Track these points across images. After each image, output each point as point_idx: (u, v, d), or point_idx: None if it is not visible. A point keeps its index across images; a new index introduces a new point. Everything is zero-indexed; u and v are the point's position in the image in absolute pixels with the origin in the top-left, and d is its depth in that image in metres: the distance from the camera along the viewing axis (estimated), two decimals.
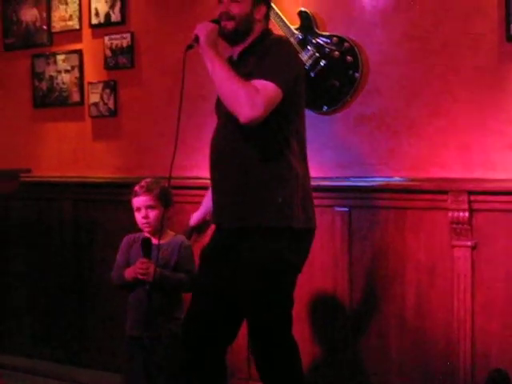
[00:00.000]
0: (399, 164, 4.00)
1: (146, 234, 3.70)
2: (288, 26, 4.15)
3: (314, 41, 4.13)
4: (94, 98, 5.04)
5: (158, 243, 3.58)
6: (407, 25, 3.95)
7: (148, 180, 3.76)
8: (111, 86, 4.98)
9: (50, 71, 5.26)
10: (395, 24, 3.98)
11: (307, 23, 4.14)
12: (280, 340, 3.20)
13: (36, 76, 5.34)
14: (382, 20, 4.02)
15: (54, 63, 5.24)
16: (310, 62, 4.12)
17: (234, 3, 3.18)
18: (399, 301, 3.98)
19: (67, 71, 5.18)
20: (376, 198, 4.02)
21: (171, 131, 3.29)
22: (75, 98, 5.15)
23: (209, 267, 3.33)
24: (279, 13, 4.15)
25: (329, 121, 4.17)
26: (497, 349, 3.74)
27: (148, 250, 3.57)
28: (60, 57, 5.21)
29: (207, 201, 3.51)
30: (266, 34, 3.27)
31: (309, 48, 4.13)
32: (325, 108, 4.13)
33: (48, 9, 5.24)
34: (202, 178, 4.23)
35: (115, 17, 4.93)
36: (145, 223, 3.71)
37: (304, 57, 4.10)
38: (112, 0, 4.92)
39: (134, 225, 3.80)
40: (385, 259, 4.02)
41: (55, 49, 5.25)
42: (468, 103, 3.82)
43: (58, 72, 5.22)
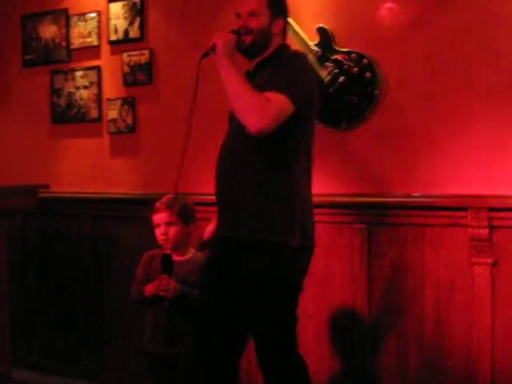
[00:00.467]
0: (418, 180, 3.98)
1: (167, 251, 3.70)
2: (306, 43, 4.15)
3: (333, 57, 4.13)
4: (113, 115, 5.06)
5: (178, 259, 3.58)
6: (426, 41, 3.95)
7: (169, 196, 3.76)
8: (129, 103, 5.00)
9: (69, 87, 5.29)
10: (414, 40, 3.98)
11: (326, 39, 4.15)
12: (282, 355, 3.16)
13: (55, 92, 5.37)
14: (401, 36, 4.01)
15: (73, 79, 5.26)
16: (329, 79, 4.12)
17: (252, 17, 3.20)
18: (418, 318, 3.96)
19: (86, 87, 5.21)
20: (395, 215, 4.01)
21: (190, 147, 3.29)
22: (93, 115, 5.18)
23: (211, 278, 3.33)
24: (298, 29, 4.15)
25: (347, 137, 4.16)
26: None
27: (169, 267, 3.57)
28: (78, 73, 5.23)
29: None
30: (283, 49, 3.28)
31: (327, 64, 4.13)
32: (343, 124, 4.12)
33: (67, 25, 5.27)
34: None
35: (134, 33, 4.96)
36: (164, 240, 3.71)
37: (323, 73, 4.10)
38: (131, 16, 4.95)
39: (152, 241, 3.80)
40: (404, 276, 3.99)
41: (74, 65, 5.28)
42: (488, 120, 3.80)
43: (77, 88, 5.25)
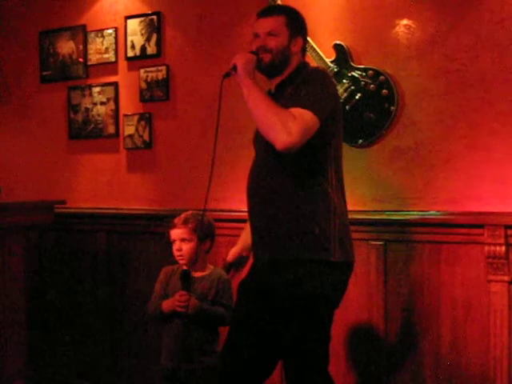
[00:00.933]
0: (435, 197, 3.97)
1: (185, 266, 3.70)
2: (323, 59, 4.16)
3: (350, 74, 4.13)
4: (129, 131, 5.08)
5: (197, 275, 3.58)
6: (443, 58, 3.94)
7: (188, 213, 3.77)
8: (146, 119, 5.01)
9: (86, 103, 5.31)
10: (431, 57, 3.98)
11: (342, 56, 4.15)
12: (315, 376, 3.15)
13: (72, 108, 5.39)
14: (418, 53, 4.01)
15: (90, 95, 5.29)
16: (346, 95, 4.12)
17: (271, 36, 3.17)
18: (434, 336, 3.93)
19: (103, 103, 5.23)
20: (411, 232, 3.99)
21: (206, 163, 3.30)
22: (110, 130, 5.20)
23: (245, 300, 3.26)
24: (314, 46, 4.16)
25: (364, 154, 4.16)
26: None
27: (187, 283, 3.57)
28: (96, 89, 5.26)
29: (244, 236, 3.50)
30: (304, 66, 3.26)
31: (344, 81, 4.13)
32: (360, 141, 4.12)
33: (84, 42, 5.30)
34: (237, 211, 4.25)
35: (151, 49, 4.98)
36: (179, 256, 3.72)
37: (339, 90, 4.09)
38: (148, 33, 4.97)
39: (169, 256, 3.80)
40: (420, 294, 3.97)
41: (91, 81, 5.30)
42: (504, 136, 3.79)
43: (94, 104, 5.27)
